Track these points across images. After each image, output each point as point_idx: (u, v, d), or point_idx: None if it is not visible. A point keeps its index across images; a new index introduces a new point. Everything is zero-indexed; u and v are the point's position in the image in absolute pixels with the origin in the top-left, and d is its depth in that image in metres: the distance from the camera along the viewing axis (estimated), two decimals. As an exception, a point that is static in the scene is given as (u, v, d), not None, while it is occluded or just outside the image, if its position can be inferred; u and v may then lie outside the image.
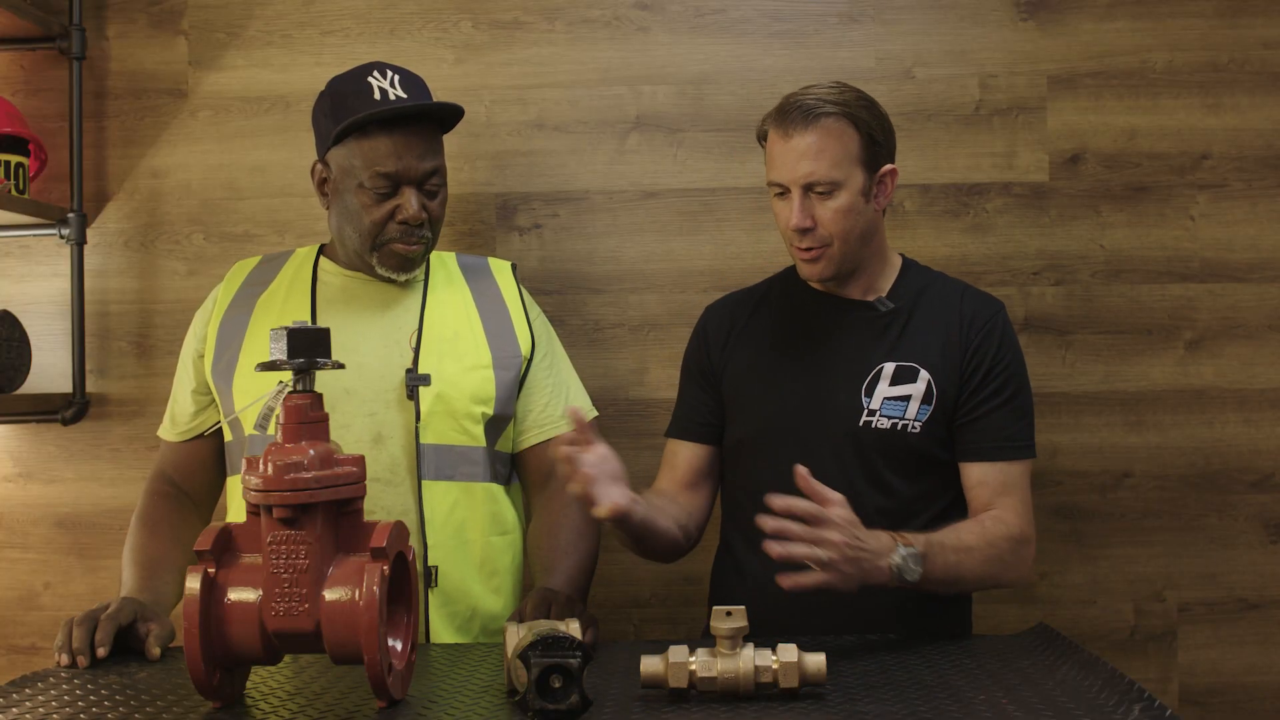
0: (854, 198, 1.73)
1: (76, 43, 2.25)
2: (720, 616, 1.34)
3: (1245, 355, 2.23)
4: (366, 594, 1.24)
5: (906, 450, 1.76)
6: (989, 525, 1.69)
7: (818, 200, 1.72)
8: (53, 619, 2.30)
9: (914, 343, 1.79)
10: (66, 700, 1.36)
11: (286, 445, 1.27)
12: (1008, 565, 1.69)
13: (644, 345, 2.27)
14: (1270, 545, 2.23)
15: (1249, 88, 2.23)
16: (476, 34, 2.29)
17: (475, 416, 1.83)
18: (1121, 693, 1.32)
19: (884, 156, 1.77)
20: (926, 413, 1.76)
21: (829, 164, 1.70)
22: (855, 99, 1.75)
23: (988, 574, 1.67)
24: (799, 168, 1.71)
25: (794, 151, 1.71)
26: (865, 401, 1.77)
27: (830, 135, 1.71)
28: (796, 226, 1.73)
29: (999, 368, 1.78)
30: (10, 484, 2.32)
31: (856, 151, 1.73)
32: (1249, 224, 2.23)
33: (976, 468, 1.77)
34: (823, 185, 1.71)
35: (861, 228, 1.76)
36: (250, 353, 1.82)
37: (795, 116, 1.72)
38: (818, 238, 1.74)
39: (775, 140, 1.75)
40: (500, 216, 2.29)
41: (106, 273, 2.31)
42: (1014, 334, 1.83)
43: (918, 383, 1.77)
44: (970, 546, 1.64)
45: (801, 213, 1.72)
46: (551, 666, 1.24)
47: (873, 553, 1.51)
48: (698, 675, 1.33)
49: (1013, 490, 1.75)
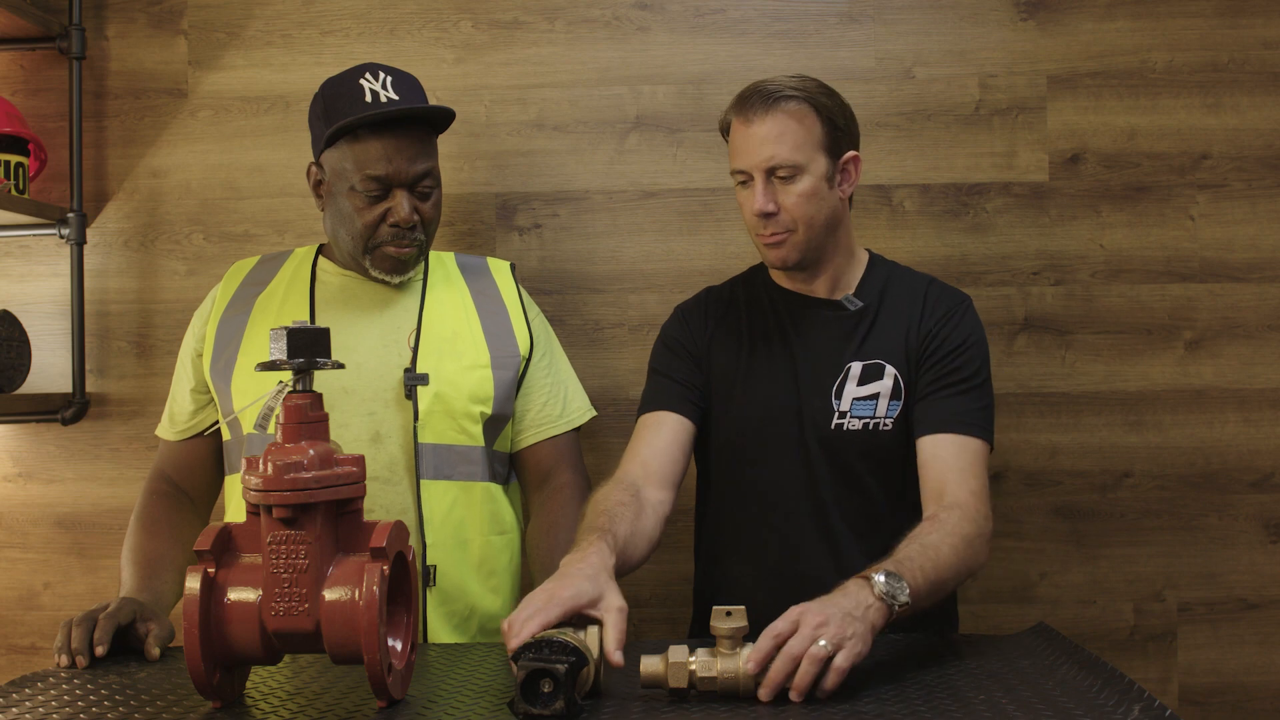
0: (817, 182, 1.73)
1: (76, 42, 2.25)
2: (720, 616, 1.34)
3: (1245, 355, 2.23)
4: (366, 594, 1.24)
5: (881, 449, 1.76)
6: (945, 518, 1.59)
7: (780, 185, 1.72)
8: (53, 619, 2.30)
9: (880, 340, 1.78)
10: (66, 700, 1.36)
11: (286, 445, 1.27)
12: (976, 552, 1.60)
13: (644, 345, 2.27)
14: (1270, 545, 2.23)
15: (1249, 88, 2.23)
16: (476, 34, 2.29)
17: (474, 416, 1.83)
18: (1121, 693, 1.32)
19: (847, 143, 1.77)
20: (897, 409, 1.76)
21: (790, 147, 1.71)
22: (816, 87, 1.75)
23: (962, 568, 1.57)
24: (760, 152, 1.71)
25: (755, 137, 1.72)
26: (835, 404, 1.77)
27: (791, 118, 1.71)
28: (759, 210, 1.72)
29: (959, 351, 1.75)
30: (10, 484, 2.32)
31: (819, 136, 1.73)
32: (1249, 224, 2.23)
33: (930, 440, 1.71)
34: (785, 169, 1.71)
35: (826, 214, 1.75)
36: (249, 352, 1.83)
37: (755, 102, 1.72)
38: (781, 223, 1.74)
39: (737, 128, 1.75)
40: (500, 216, 2.29)
41: (106, 272, 2.31)
42: (981, 328, 1.80)
43: (884, 379, 1.76)
44: (936, 546, 1.53)
45: (764, 197, 1.72)
46: (539, 670, 1.24)
47: (855, 602, 1.38)
48: (698, 675, 1.33)
49: (968, 470, 1.67)
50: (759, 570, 1.80)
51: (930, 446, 1.71)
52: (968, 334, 1.77)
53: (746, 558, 1.82)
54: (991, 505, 1.68)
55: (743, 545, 1.83)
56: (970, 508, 1.63)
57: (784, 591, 1.74)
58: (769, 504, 1.80)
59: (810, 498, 1.78)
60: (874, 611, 1.38)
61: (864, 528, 1.77)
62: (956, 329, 1.77)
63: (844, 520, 1.77)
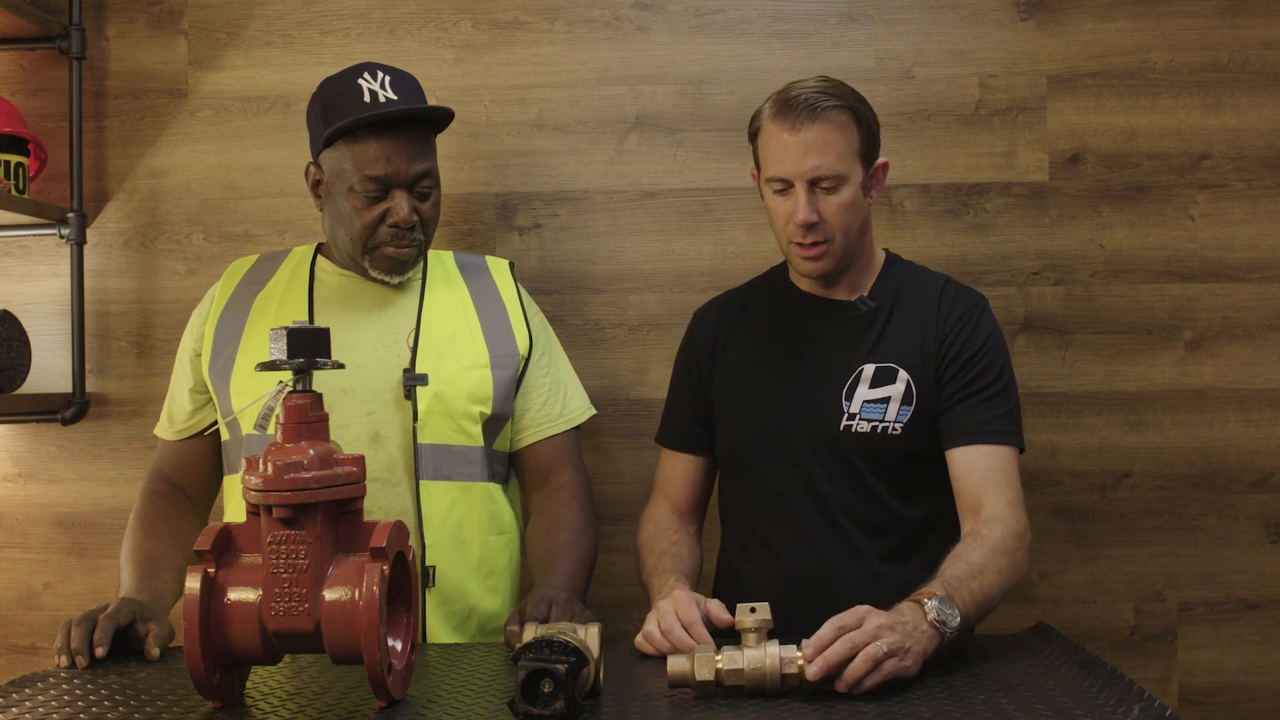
0: (856, 192, 1.73)
1: (76, 42, 2.25)
2: (745, 613, 1.35)
3: (1245, 355, 2.23)
4: (366, 594, 1.24)
5: (889, 453, 1.75)
6: (987, 534, 1.61)
7: (822, 195, 1.72)
8: (52, 619, 2.30)
9: (893, 342, 1.78)
10: (66, 700, 1.36)
11: (286, 445, 1.27)
12: (1019, 565, 1.62)
13: (644, 345, 2.27)
14: (1270, 545, 2.23)
15: (1249, 88, 2.23)
16: (476, 34, 2.29)
17: (473, 416, 1.82)
18: (1121, 693, 1.32)
19: (877, 149, 1.78)
20: (907, 414, 1.75)
21: (834, 158, 1.70)
22: (850, 93, 1.75)
23: (1007, 583, 1.59)
24: (805, 162, 1.70)
25: (800, 145, 1.70)
26: (845, 405, 1.77)
27: (835, 129, 1.71)
28: (804, 221, 1.71)
29: (979, 357, 1.75)
30: (10, 484, 2.32)
31: (857, 145, 1.73)
32: (1249, 224, 2.23)
33: (961, 452, 1.71)
34: (829, 180, 1.70)
35: (860, 222, 1.77)
36: (248, 352, 1.82)
37: (800, 110, 1.70)
38: (822, 232, 1.73)
39: (776, 134, 1.72)
40: (500, 216, 2.29)
41: (106, 272, 2.31)
42: (998, 328, 1.80)
43: (896, 384, 1.76)
44: (982, 565, 1.55)
45: (808, 207, 1.70)
46: (539, 670, 1.24)
47: (911, 623, 1.40)
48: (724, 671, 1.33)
49: (1001, 479, 1.69)
50: (770, 568, 1.81)
51: (962, 459, 1.72)
52: (985, 337, 1.77)
53: (757, 555, 1.83)
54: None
55: (754, 543, 1.84)
56: (1010, 520, 1.64)
57: (795, 590, 1.75)
58: (777, 502, 1.80)
59: (817, 497, 1.78)
60: (927, 639, 1.41)
61: (875, 525, 1.77)
62: (975, 332, 1.77)
63: (852, 519, 1.77)
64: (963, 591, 1.49)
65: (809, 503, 1.78)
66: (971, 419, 1.72)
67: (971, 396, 1.73)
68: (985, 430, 1.71)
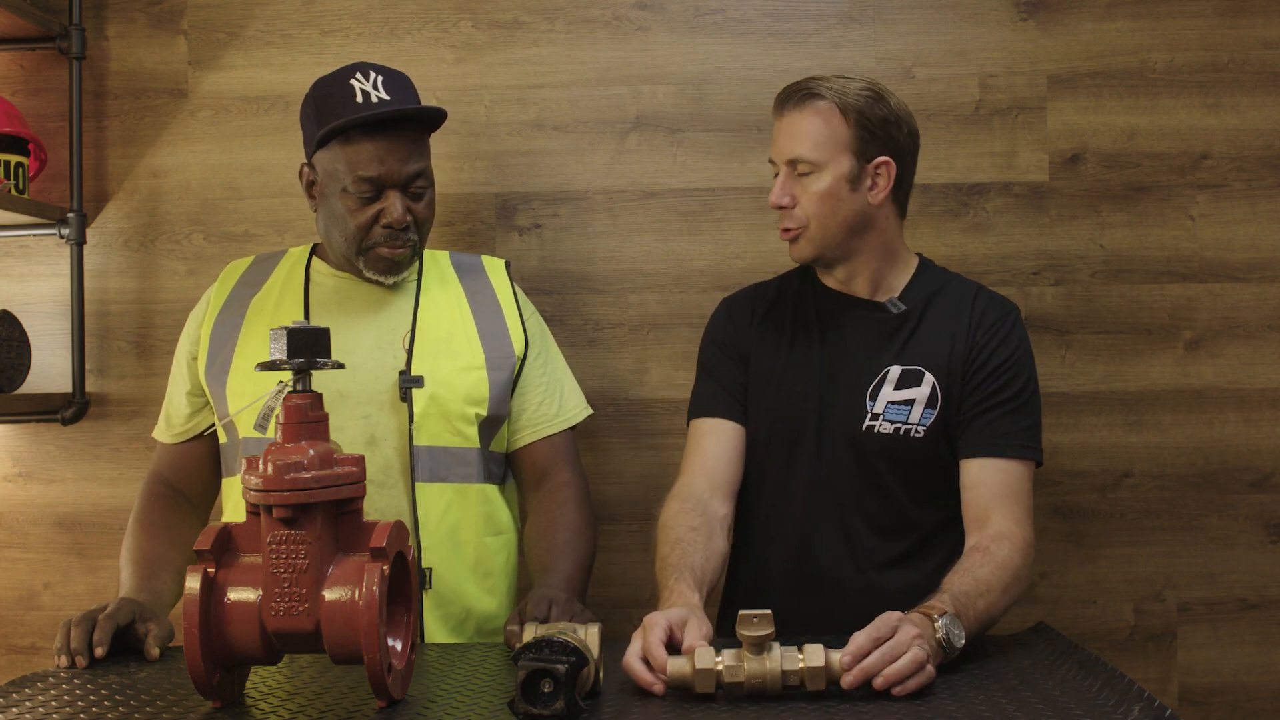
0: (836, 183, 1.74)
1: (76, 42, 2.25)
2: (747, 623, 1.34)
3: (1245, 355, 2.23)
4: (366, 594, 1.24)
5: (910, 456, 1.75)
6: (995, 550, 1.61)
7: (799, 180, 1.75)
8: (52, 619, 2.30)
9: (922, 346, 1.78)
10: (66, 700, 1.36)
11: (286, 445, 1.27)
12: (1022, 583, 1.63)
13: (644, 345, 2.27)
14: (1270, 545, 2.23)
15: (1249, 88, 2.23)
16: (476, 34, 2.29)
17: (469, 418, 1.82)
18: (1121, 692, 1.33)
19: (880, 148, 1.76)
20: (931, 417, 1.75)
21: (810, 145, 1.74)
22: (858, 89, 1.75)
23: (1010, 601, 1.60)
24: (784, 145, 1.76)
25: (784, 130, 1.77)
26: (869, 405, 1.76)
27: (817, 116, 1.74)
28: (773, 203, 1.77)
29: (1006, 368, 1.75)
30: (10, 484, 2.32)
31: (845, 138, 1.74)
32: (1249, 224, 2.23)
33: (974, 465, 1.72)
34: (804, 165, 1.74)
35: (844, 215, 1.76)
36: (244, 355, 1.82)
37: (790, 97, 1.77)
38: (794, 217, 1.76)
39: (775, 120, 1.80)
40: (500, 216, 2.29)
41: (106, 272, 2.31)
42: (1027, 339, 1.80)
43: (922, 386, 1.76)
44: (989, 584, 1.56)
45: (780, 190, 1.77)
46: (539, 670, 1.24)
47: (925, 635, 1.41)
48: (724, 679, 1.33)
49: (1012, 495, 1.69)
50: (778, 564, 1.80)
51: (975, 471, 1.72)
52: (1014, 348, 1.77)
53: (767, 550, 1.82)
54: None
55: (764, 538, 1.83)
56: (1017, 538, 1.65)
57: (801, 587, 1.74)
58: (794, 499, 1.79)
59: (834, 496, 1.77)
60: (935, 655, 1.41)
61: (888, 528, 1.77)
62: (1004, 343, 1.76)
63: (866, 520, 1.77)
64: (969, 612, 1.50)
65: (820, 498, 1.78)
66: (990, 431, 1.73)
67: (994, 409, 1.74)
68: (1003, 444, 1.72)
